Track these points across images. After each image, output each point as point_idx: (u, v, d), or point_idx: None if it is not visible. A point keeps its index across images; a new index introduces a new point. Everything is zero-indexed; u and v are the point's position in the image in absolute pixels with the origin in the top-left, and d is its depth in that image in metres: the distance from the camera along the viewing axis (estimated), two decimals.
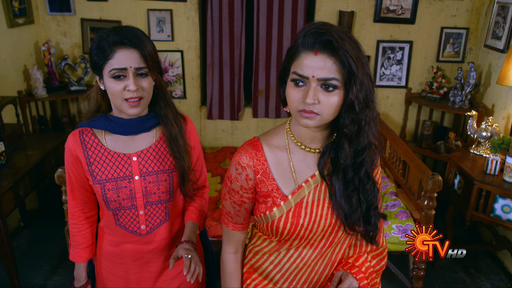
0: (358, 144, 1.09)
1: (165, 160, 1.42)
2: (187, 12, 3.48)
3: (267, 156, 1.17)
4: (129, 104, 1.28)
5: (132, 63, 1.25)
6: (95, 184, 1.37)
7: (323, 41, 1.00)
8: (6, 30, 3.08)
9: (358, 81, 1.01)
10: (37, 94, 3.28)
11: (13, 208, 2.42)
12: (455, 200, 2.79)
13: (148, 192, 1.40)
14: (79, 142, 1.36)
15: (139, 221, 1.42)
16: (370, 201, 1.15)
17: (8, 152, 2.65)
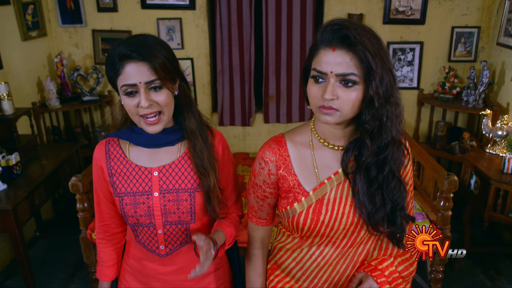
0: (381, 141, 1.07)
1: (188, 178, 1.30)
2: (196, 20, 3.51)
3: (290, 152, 1.18)
4: (146, 122, 1.19)
5: (141, 77, 1.15)
6: (115, 197, 1.31)
7: (341, 36, 1.00)
8: (20, 43, 3.14)
9: (377, 76, 1.00)
10: (50, 105, 3.33)
11: (28, 217, 2.45)
12: (472, 201, 2.74)
13: (167, 211, 1.29)
14: (104, 152, 1.32)
15: (158, 241, 1.33)
16: (395, 201, 1.11)
17: (23, 163, 2.69)
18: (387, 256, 1.23)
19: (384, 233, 1.16)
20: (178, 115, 1.30)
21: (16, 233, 2.29)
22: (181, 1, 3.45)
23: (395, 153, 1.10)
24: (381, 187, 1.11)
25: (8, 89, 2.76)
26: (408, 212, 1.19)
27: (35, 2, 3.29)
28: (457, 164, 3.61)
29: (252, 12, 3.47)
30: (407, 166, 1.17)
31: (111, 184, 1.31)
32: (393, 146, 1.09)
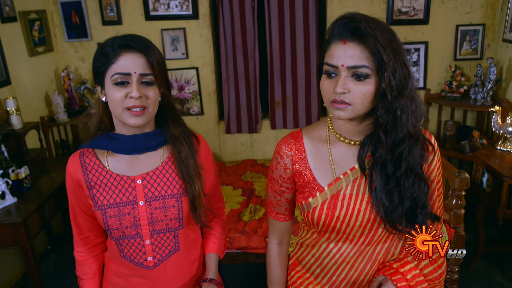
0: (396, 135, 1.04)
1: (174, 184, 1.26)
2: (200, 29, 3.54)
3: (306, 147, 1.18)
4: (131, 113, 1.14)
5: (137, 68, 1.13)
6: (96, 210, 1.23)
7: (351, 29, 1.00)
8: (27, 59, 3.19)
9: (390, 68, 0.99)
10: (58, 119, 3.36)
11: (39, 230, 2.45)
12: (485, 199, 2.69)
13: (154, 219, 1.24)
14: (79, 165, 1.24)
15: (145, 252, 1.26)
16: (414, 199, 1.07)
17: (32, 176, 2.71)
18: (410, 258, 1.18)
19: (403, 231, 1.11)
20: (161, 123, 1.28)
21: (27, 246, 2.30)
22: (184, 11, 3.48)
23: (413, 148, 1.06)
24: (398, 184, 1.07)
25: (16, 104, 2.79)
26: (434, 211, 1.15)
27: (41, 18, 3.34)
28: (468, 163, 3.56)
29: (255, 19, 3.48)
30: (432, 162, 1.13)
31: (90, 197, 1.23)
32: (409, 141, 1.05)
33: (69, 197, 1.29)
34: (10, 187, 2.43)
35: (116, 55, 1.13)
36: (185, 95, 3.72)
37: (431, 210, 1.14)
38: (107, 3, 3.48)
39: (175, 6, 3.46)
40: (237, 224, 2.58)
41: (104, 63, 1.14)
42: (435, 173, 1.15)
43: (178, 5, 3.46)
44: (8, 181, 2.41)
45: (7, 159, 2.59)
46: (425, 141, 1.11)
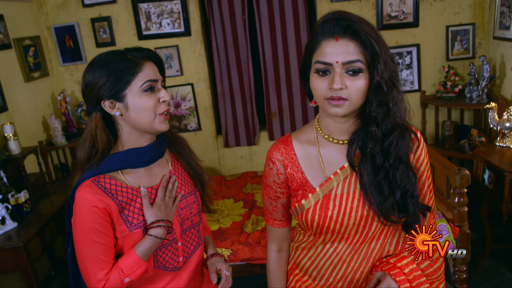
0: (385, 127, 1.07)
1: (187, 181, 1.35)
2: (193, 45, 3.57)
3: (296, 150, 1.19)
4: (163, 118, 1.19)
5: (158, 75, 1.20)
6: (133, 231, 1.19)
7: (343, 26, 1.02)
8: (23, 85, 3.21)
9: (382, 60, 1.01)
10: (56, 142, 3.36)
11: (41, 254, 2.43)
12: (488, 196, 2.67)
13: (183, 219, 1.30)
14: (101, 192, 1.15)
15: (178, 254, 1.30)
16: (404, 188, 1.09)
17: (32, 200, 2.70)
18: (406, 253, 1.19)
19: (397, 222, 1.12)
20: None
21: (29, 271, 2.28)
22: (177, 29, 3.52)
23: (400, 138, 1.09)
24: (387, 175, 1.09)
25: (14, 129, 2.80)
26: (424, 201, 1.16)
27: (36, 44, 3.38)
28: (468, 162, 3.55)
29: (247, 32, 3.52)
30: (416, 152, 1.15)
31: (123, 220, 1.18)
32: (397, 132, 1.08)
33: (87, 239, 1.15)
34: (10, 212, 2.42)
35: (140, 64, 1.16)
36: (182, 111, 3.73)
37: (422, 201, 1.15)
38: (100, 26, 3.52)
39: (167, 24, 3.50)
40: (240, 236, 2.56)
41: (130, 74, 1.15)
42: (423, 164, 1.16)
43: (170, 23, 3.50)
44: (8, 206, 2.40)
45: (6, 185, 2.58)
46: (411, 132, 1.13)
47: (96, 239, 1.15)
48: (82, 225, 1.15)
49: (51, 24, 3.54)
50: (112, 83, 1.14)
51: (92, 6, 3.49)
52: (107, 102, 1.17)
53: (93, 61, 1.19)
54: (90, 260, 1.16)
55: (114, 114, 1.18)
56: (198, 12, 3.51)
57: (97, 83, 1.15)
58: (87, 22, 3.54)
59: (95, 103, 1.18)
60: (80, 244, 1.16)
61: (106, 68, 1.15)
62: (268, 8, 3.45)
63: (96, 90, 1.16)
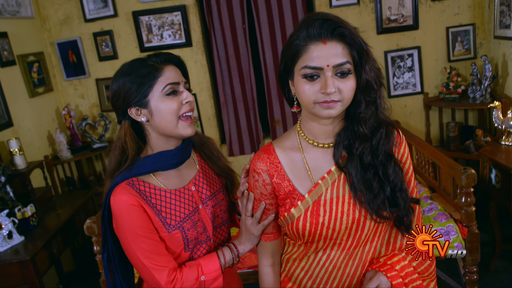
0: (372, 125, 1.08)
1: (214, 179, 1.37)
2: (194, 56, 3.60)
3: (280, 158, 1.15)
4: (187, 122, 1.20)
5: (180, 77, 1.22)
6: (172, 232, 1.21)
7: (330, 28, 1.01)
8: (28, 100, 3.25)
9: (369, 59, 1.03)
10: (62, 156, 3.38)
11: (48, 267, 2.44)
12: (496, 195, 2.65)
13: (214, 217, 1.31)
14: (136, 193, 1.18)
15: (212, 251, 1.30)
16: (393, 182, 1.09)
17: (39, 214, 2.71)
18: (397, 251, 1.17)
19: (389, 218, 1.11)
20: None
21: (36, 284, 2.28)
22: (178, 40, 3.55)
23: (387, 136, 1.10)
24: (377, 172, 1.09)
25: (19, 144, 2.82)
26: (410, 192, 1.15)
27: (39, 60, 3.42)
28: (475, 163, 3.51)
29: (248, 41, 3.54)
30: (400, 146, 1.16)
31: (162, 222, 1.20)
32: (383, 129, 1.10)
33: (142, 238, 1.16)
34: (17, 226, 2.43)
35: (160, 68, 1.18)
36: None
37: (410, 194, 1.15)
38: (102, 40, 3.56)
39: (168, 36, 3.54)
40: None
41: (151, 78, 1.17)
42: (406, 157, 1.17)
43: (171, 35, 3.54)
44: (15, 220, 2.41)
45: (13, 199, 2.60)
46: (394, 127, 1.14)
47: (146, 235, 1.17)
48: (127, 227, 1.16)
49: (54, 39, 3.59)
50: (136, 90, 1.17)
51: (94, 20, 3.54)
52: (133, 109, 1.20)
53: (117, 72, 1.22)
54: (149, 258, 1.16)
55: (141, 120, 1.20)
56: (199, 23, 3.55)
57: (122, 92, 1.19)
58: (90, 37, 3.58)
59: (122, 112, 1.22)
60: (132, 246, 1.16)
61: (129, 76, 1.18)
62: (267, 16, 3.48)
63: (122, 98, 1.19)
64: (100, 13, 3.51)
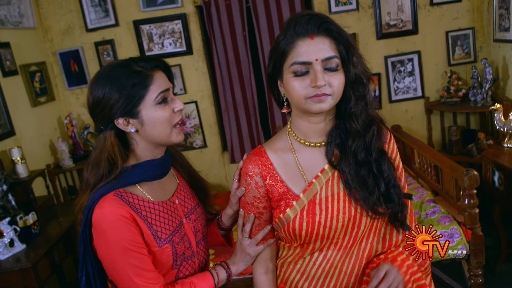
0: (363, 121, 1.08)
1: (192, 193, 1.31)
2: (195, 63, 3.62)
3: (272, 160, 1.14)
4: (179, 129, 1.15)
5: (168, 84, 1.14)
6: (163, 247, 1.13)
7: (316, 24, 1.02)
8: (30, 110, 3.26)
9: (357, 54, 1.04)
10: (64, 165, 3.39)
11: (49, 275, 2.42)
12: (499, 198, 2.63)
13: (196, 232, 1.25)
14: (126, 205, 1.08)
15: (195, 268, 1.23)
16: (387, 179, 1.10)
17: (41, 223, 2.70)
18: (393, 248, 1.16)
19: (385, 214, 1.11)
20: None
21: None
22: (179, 48, 3.57)
23: (379, 132, 1.11)
24: (371, 168, 1.09)
25: (21, 153, 2.83)
26: (402, 188, 1.15)
27: (41, 69, 3.44)
28: (478, 167, 3.48)
29: (248, 48, 3.56)
30: (390, 142, 1.17)
31: (153, 236, 1.12)
32: (375, 125, 1.11)
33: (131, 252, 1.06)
34: (18, 234, 2.42)
35: (149, 76, 1.11)
36: (187, 129, 3.76)
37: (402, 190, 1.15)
38: (104, 49, 3.59)
39: (169, 44, 3.56)
40: None
41: (142, 88, 1.09)
42: (395, 153, 1.18)
43: (172, 43, 3.56)
44: (17, 228, 2.41)
45: (15, 207, 2.59)
46: (383, 124, 1.15)
47: (136, 249, 1.07)
48: (115, 241, 1.05)
49: (56, 49, 3.62)
50: (125, 101, 1.08)
51: (95, 30, 3.57)
52: (120, 120, 1.11)
53: (99, 76, 1.12)
54: (140, 276, 1.07)
55: (130, 131, 1.12)
56: (199, 31, 3.57)
57: (108, 101, 1.08)
58: (91, 46, 3.61)
59: (107, 122, 1.12)
60: (120, 262, 1.06)
61: (116, 83, 1.08)
62: (267, 23, 3.50)
63: (108, 108, 1.09)
64: (101, 22, 3.54)
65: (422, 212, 2.55)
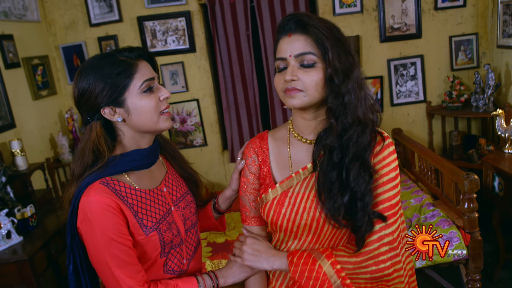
0: (346, 121, 1.05)
1: (181, 182, 1.33)
2: (198, 61, 3.61)
3: (269, 145, 1.23)
4: (166, 116, 1.16)
5: (152, 73, 1.16)
6: (149, 234, 1.13)
7: (294, 22, 1.07)
8: (31, 103, 3.26)
9: (333, 53, 1.03)
10: (63, 159, 3.38)
11: (46, 268, 2.41)
12: (499, 203, 2.62)
13: (185, 219, 1.26)
14: (112, 193, 1.09)
15: (183, 256, 1.24)
16: (353, 189, 1.03)
17: (39, 216, 2.69)
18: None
19: (347, 227, 1.07)
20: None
21: (33, 284, 2.25)
22: (182, 46, 3.57)
23: (361, 135, 1.05)
24: (341, 173, 1.05)
25: (21, 145, 2.82)
26: (382, 208, 1.06)
27: (44, 63, 3.44)
28: (478, 172, 3.45)
29: (251, 47, 3.56)
30: (379, 154, 1.09)
31: (139, 224, 1.12)
32: (357, 127, 1.05)
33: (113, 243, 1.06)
34: (16, 226, 2.41)
35: (134, 64, 1.12)
36: (188, 127, 3.75)
37: (376, 206, 1.07)
38: (107, 44, 3.59)
39: (172, 42, 3.56)
40: None
41: (126, 76, 1.10)
42: (386, 168, 1.09)
43: (175, 40, 3.56)
44: (14, 220, 2.40)
45: (13, 199, 2.59)
46: (375, 132, 1.10)
47: (120, 240, 1.07)
48: (101, 231, 1.05)
49: (59, 44, 3.62)
50: (110, 89, 1.09)
51: (99, 25, 3.57)
52: (107, 109, 1.12)
53: (83, 68, 1.12)
54: (121, 267, 1.07)
55: (116, 120, 1.13)
56: (203, 29, 3.57)
57: (93, 91, 1.09)
58: (94, 41, 3.61)
59: (93, 112, 1.12)
60: (102, 251, 1.06)
61: (100, 73, 1.09)
62: (271, 23, 3.50)
63: (94, 98, 1.10)
64: (105, 18, 3.54)
65: (421, 215, 2.54)
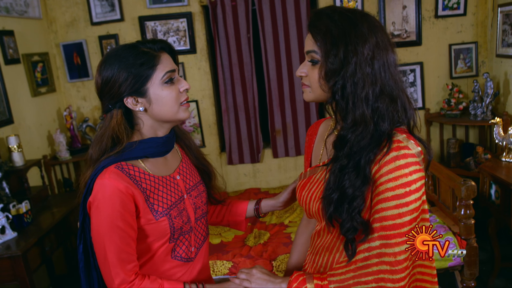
0: (346, 120, 1.04)
1: (195, 171, 1.37)
2: (198, 62, 3.62)
3: (319, 131, 1.31)
4: (185, 107, 1.20)
5: (174, 65, 1.20)
6: (159, 219, 1.16)
7: (311, 21, 1.11)
8: (30, 99, 3.25)
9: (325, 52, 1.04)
10: (61, 157, 3.37)
11: (39, 264, 2.40)
12: (495, 211, 2.62)
13: (196, 208, 1.29)
14: (126, 178, 1.12)
15: (191, 244, 1.27)
16: (342, 188, 1.01)
17: (34, 212, 2.69)
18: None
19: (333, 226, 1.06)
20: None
21: (26, 281, 2.24)
22: (182, 47, 3.58)
23: (358, 138, 1.01)
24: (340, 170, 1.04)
25: (18, 141, 2.82)
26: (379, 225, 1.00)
27: (44, 60, 3.44)
28: (475, 180, 3.47)
29: (252, 50, 3.57)
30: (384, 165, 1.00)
31: (149, 208, 1.15)
32: (354, 129, 1.02)
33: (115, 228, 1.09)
34: (10, 222, 2.40)
35: (157, 56, 1.16)
36: (186, 128, 3.75)
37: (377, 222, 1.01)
38: (107, 43, 3.59)
39: (173, 42, 3.57)
40: (242, 249, 2.51)
41: (150, 67, 1.14)
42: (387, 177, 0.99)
43: (176, 41, 3.57)
44: (9, 215, 2.39)
45: (8, 195, 2.57)
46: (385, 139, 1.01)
47: (123, 227, 1.10)
48: (107, 213, 1.08)
49: (60, 41, 3.62)
50: (133, 79, 1.13)
51: (100, 24, 3.57)
52: (130, 99, 1.16)
53: (108, 57, 1.16)
54: (114, 253, 1.09)
55: (138, 109, 1.17)
56: (204, 31, 3.58)
57: (117, 80, 1.13)
58: (95, 40, 3.61)
59: (115, 101, 1.16)
60: (103, 234, 1.09)
61: (125, 63, 1.13)
62: (272, 27, 3.51)
63: (117, 87, 1.14)
64: (106, 17, 3.55)
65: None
